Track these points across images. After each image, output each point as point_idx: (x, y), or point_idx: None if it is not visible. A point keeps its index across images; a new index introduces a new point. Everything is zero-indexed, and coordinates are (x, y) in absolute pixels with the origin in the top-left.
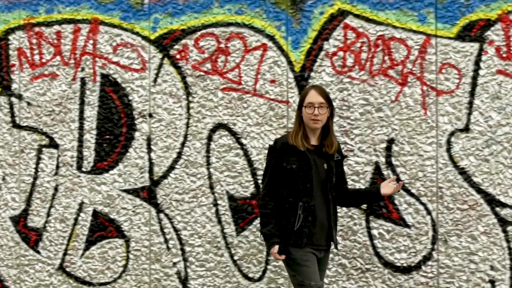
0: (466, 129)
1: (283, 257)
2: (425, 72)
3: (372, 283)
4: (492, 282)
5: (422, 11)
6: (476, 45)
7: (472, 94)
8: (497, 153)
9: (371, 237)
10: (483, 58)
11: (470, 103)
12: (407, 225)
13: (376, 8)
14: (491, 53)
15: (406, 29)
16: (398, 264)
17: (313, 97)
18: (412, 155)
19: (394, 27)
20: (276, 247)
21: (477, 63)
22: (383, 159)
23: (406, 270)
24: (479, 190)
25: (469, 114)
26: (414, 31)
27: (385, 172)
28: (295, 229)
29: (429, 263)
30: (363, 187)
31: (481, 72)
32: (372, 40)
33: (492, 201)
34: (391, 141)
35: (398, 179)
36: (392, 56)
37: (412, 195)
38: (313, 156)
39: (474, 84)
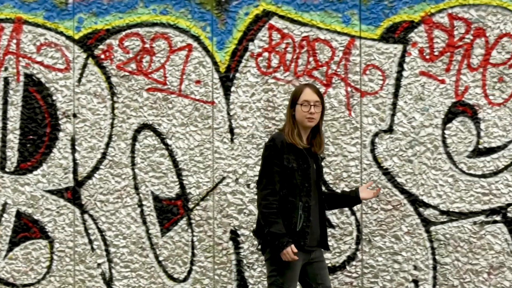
0: (389, 130)
1: (296, 257)
2: (349, 73)
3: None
4: (415, 281)
5: (346, 12)
6: (399, 47)
7: (395, 95)
8: (420, 154)
9: None
10: (407, 59)
11: (394, 104)
12: (331, 225)
13: (301, 10)
14: (414, 55)
15: (331, 30)
16: None
17: (309, 95)
18: (336, 155)
19: (319, 28)
20: (293, 246)
21: (400, 64)
22: None
23: (331, 270)
24: (403, 191)
25: (393, 115)
26: (339, 33)
27: None
28: (298, 229)
29: (354, 263)
30: (339, 190)
31: (404, 73)
32: (297, 41)
33: (416, 202)
34: None
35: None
36: (316, 57)
37: None
38: (307, 155)
39: (397, 86)
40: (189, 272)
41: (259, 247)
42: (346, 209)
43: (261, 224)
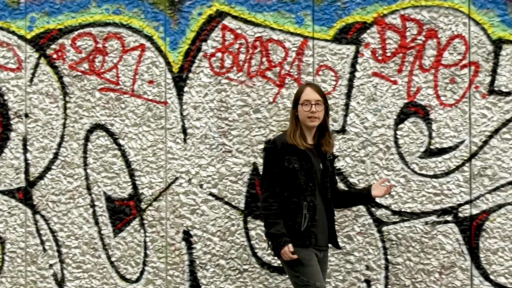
0: (342, 130)
1: (295, 256)
2: (303, 73)
3: (250, 283)
4: (367, 281)
5: (299, 13)
6: (352, 48)
7: (348, 96)
8: (372, 154)
9: (248, 238)
10: (359, 60)
11: (347, 105)
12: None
13: (254, 10)
14: (367, 56)
15: (284, 31)
16: (275, 265)
17: (310, 94)
18: None
19: (272, 29)
20: (290, 246)
21: (353, 65)
22: (261, 160)
23: (283, 270)
24: None
25: (346, 115)
26: (292, 33)
27: None
28: (302, 229)
29: None
30: (353, 188)
31: (357, 74)
32: (250, 42)
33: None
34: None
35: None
36: (270, 58)
37: None
38: (311, 155)
39: (350, 86)
40: (142, 273)
41: (269, 250)
42: None
43: None
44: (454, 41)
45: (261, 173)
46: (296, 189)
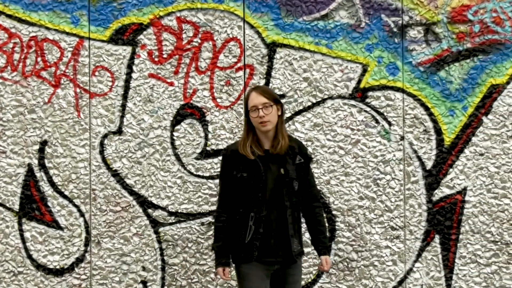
0: (119, 131)
1: (228, 278)
2: (79, 74)
3: (25, 286)
4: (144, 282)
5: (75, 13)
6: (128, 49)
7: (125, 97)
8: (149, 156)
9: (23, 239)
10: (136, 61)
11: (123, 106)
12: (60, 227)
13: (29, 9)
14: (143, 57)
15: (60, 31)
16: (51, 267)
17: (255, 99)
18: (65, 157)
19: (47, 28)
20: (220, 270)
21: (129, 66)
22: (36, 161)
23: (59, 272)
24: (132, 192)
25: (122, 116)
26: (68, 33)
27: (38, 174)
28: (246, 242)
29: (82, 265)
30: (318, 235)
31: (133, 75)
32: (25, 41)
33: (145, 203)
34: (44, 143)
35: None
36: (45, 58)
37: (65, 197)
38: (266, 163)
39: (127, 87)
40: None
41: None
42: (75, 210)
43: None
44: (230, 44)
45: None
46: (244, 199)
